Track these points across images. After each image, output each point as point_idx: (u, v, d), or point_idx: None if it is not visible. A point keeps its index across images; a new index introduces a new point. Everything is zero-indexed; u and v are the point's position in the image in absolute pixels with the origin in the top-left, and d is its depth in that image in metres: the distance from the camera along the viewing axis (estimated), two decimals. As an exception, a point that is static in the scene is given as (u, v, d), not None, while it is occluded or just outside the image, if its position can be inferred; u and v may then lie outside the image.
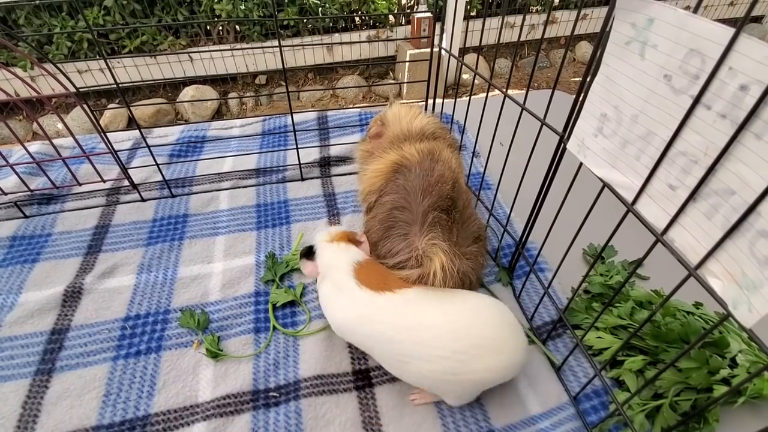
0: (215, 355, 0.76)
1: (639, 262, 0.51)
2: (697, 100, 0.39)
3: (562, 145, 0.63)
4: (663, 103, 0.43)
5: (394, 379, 0.73)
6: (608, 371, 0.72)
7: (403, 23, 3.41)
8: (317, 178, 1.17)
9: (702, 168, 0.40)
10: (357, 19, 3.34)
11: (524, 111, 0.73)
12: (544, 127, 0.68)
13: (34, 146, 1.20)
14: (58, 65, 0.84)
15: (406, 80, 3.02)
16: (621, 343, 0.69)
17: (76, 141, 0.99)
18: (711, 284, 0.42)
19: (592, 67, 0.53)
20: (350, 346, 0.78)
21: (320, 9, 3.04)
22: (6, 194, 1.02)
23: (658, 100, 0.43)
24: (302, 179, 1.16)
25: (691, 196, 0.42)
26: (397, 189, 0.78)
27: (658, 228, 0.46)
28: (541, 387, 0.73)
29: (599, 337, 0.74)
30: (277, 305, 0.84)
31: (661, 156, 0.44)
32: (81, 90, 0.88)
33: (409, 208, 0.74)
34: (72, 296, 0.85)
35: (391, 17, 3.36)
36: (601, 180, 0.54)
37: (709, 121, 0.39)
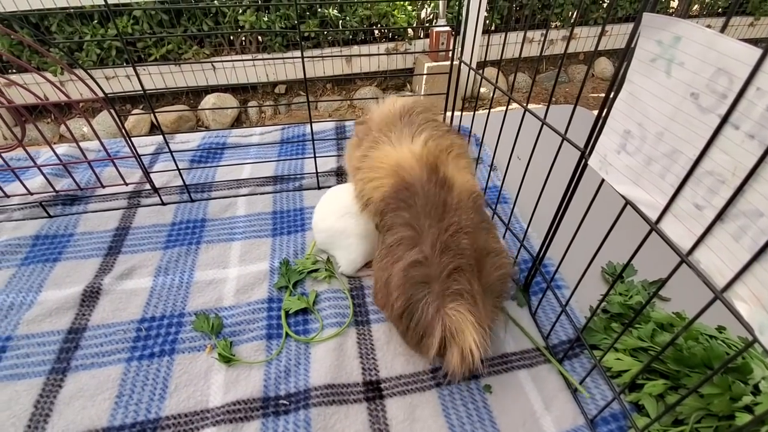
0: (228, 360, 0.76)
1: (663, 283, 0.50)
2: (725, 120, 0.39)
3: (583, 161, 0.62)
4: (689, 121, 0.42)
5: (404, 392, 0.72)
6: (627, 395, 0.70)
7: (421, 36, 3.45)
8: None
9: (730, 188, 0.39)
10: (376, 31, 3.38)
11: (544, 126, 0.73)
12: (564, 142, 0.67)
13: (61, 148, 1.23)
14: (88, 71, 0.87)
15: (423, 92, 3.04)
16: (641, 366, 0.67)
17: (102, 144, 1.02)
18: (737, 308, 0.40)
19: (616, 83, 0.52)
20: (361, 356, 0.77)
21: (341, 22, 3.09)
22: (32, 194, 1.05)
23: (685, 118, 0.43)
24: (319, 188, 1.17)
25: (719, 216, 0.41)
26: (403, 226, 0.71)
27: (683, 248, 0.45)
28: (556, 408, 0.71)
29: (618, 359, 0.72)
30: (290, 312, 0.84)
31: (688, 175, 0.43)
32: (108, 95, 0.91)
33: (426, 263, 0.68)
34: (90, 296, 0.86)
35: (410, 30, 3.40)
36: (624, 197, 0.53)
37: (737, 141, 0.38)
